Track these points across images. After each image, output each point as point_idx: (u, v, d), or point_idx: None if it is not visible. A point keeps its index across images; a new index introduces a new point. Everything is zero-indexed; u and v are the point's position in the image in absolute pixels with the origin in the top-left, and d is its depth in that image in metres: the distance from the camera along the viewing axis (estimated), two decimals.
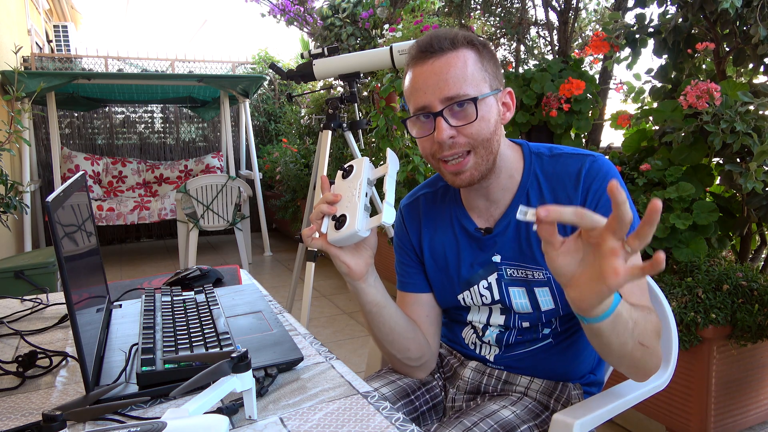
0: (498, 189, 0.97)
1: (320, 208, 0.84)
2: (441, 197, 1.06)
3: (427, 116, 0.89)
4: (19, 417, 0.71)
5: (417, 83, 0.89)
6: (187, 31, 15.09)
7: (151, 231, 6.07)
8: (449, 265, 1.03)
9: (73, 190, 0.88)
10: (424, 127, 0.91)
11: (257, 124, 6.32)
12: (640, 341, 0.78)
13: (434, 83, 0.87)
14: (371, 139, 3.68)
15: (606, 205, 0.89)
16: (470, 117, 0.87)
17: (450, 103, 0.86)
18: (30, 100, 3.76)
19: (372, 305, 0.92)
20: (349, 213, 0.81)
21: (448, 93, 0.86)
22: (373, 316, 0.93)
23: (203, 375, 0.64)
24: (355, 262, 0.87)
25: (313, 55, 2.38)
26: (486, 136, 0.88)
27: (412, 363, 1.01)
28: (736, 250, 2.00)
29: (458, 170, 0.90)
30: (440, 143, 0.88)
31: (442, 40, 0.88)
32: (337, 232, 0.81)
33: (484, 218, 1.00)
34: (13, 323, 1.08)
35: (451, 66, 0.87)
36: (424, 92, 0.88)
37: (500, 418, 0.90)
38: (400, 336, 0.97)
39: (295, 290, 2.79)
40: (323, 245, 0.84)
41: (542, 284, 0.95)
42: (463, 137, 0.88)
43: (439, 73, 0.87)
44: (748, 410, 1.77)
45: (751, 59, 1.89)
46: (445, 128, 0.87)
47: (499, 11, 2.98)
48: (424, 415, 1.03)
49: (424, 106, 0.88)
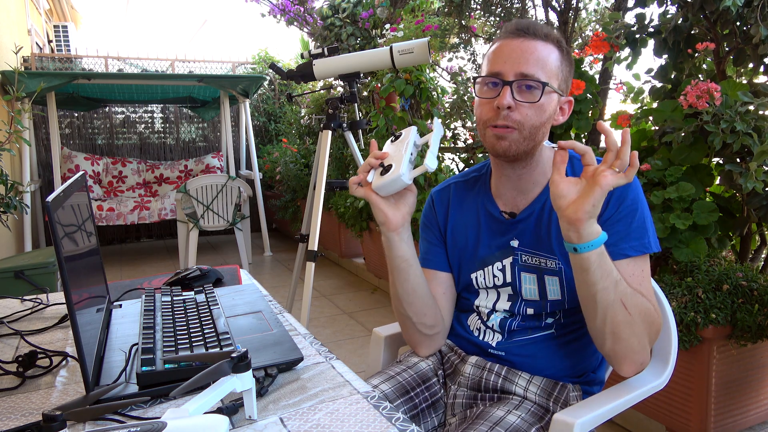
0: (530, 181, 1.03)
1: (368, 161, 0.94)
2: (471, 185, 1.14)
3: (495, 83, 0.95)
4: (19, 417, 0.71)
5: (502, 52, 0.96)
6: (187, 31, 15.09)
7: (151, 231, 6.07)
8: (468, 243, 1.10)
9: (73, 190, 0.88)
10: (490, 92, 0.96)
11: (257, 124, 6.32)
12: (623, 300, 0.87)
13: (516, 57, 0.94)
14: (371, 139, 3.67)
15: (626, 211, 0.95)
16: (533, 98, 0.94)
17: (521, 79, 0.93)
18: (30, 100, 3.75)
19: (401, 260, 0.99)
20: (395, 163, 0.90)
21: (524, 69, 0.93)
22: (401, 272, 1.00)
23: (203, 375, 0.64)
24: (392, 213, 0.95)
25: (313, 55, 2.38)
26: (535, 122, 0.95)
27: (426, 330, 1.07)
28: (736, 250, 2.00)
29: (502, 135, 0.95)
30: (498, 108, 0.93)
31: (539, 28, 0.96)
32: (382, 177, 0.90)
33: (510, 206, 1.06)
34: (13, 323, 1.08)
35: (537, 50, 0.94)
36: (504, 61, 0.94)
37: (509, 424, 0.92)
38: (420, 299, 1.03)
39: (295, 290, 2.79)
40: (366, 192, 0.94)
41: (553, 273, 1.01)
42: (517, 113, 0.94)
43: (524, 51, 0.94)
44: (748, 410, 1.77)
45: (751, 59, 1.89)
46: (508, 96, 0.93)
47: (499, 11, 2.98)
48: (424, 412, 1.04)
49: (498, 72, 0.95)
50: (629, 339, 0.90)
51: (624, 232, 0.94)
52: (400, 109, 3.33)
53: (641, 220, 0.95)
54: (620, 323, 0.88)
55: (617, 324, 0.88)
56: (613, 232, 0.94)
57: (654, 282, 1.08)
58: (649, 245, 0.95)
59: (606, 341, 0.91)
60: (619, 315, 0.88)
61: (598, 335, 0.92)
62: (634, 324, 0.89)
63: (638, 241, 0.94)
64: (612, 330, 0.89)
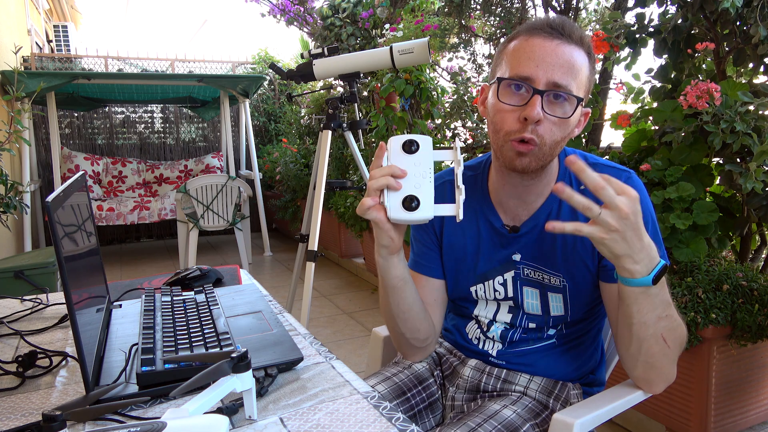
0: (534, 192, 0.96)
1: (387, 182, 0.79)
2: (469, 189, 1.04)
3: (525, 88, 0.85)
4: (19, 417, 0.71)
5: (533, 52, 0.85)
6: (187, 31, 15.09)
7: (151, 231, 6.07)
8: (467, 257, 1.03)
9: (73, 190, 0.88)
10: (514, 98, 0.86)
11: (257, 124, 6.32)
12: (664, 334, 0.81)
13: (552, 62, 0.84)
14: (371, 139, 3.67)
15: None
16: (565, 113, 0.85)
17: (555, 89, 0.84)
18: (30, 100, 3.75)
19: (398, 279, 0.92)
20: (422, 196, 0.79)
21: (558, 79, 0.83)
22: (397, 291, 0.93)
23: (203, 375, 0.64)
24: (398, 237, 0.86)
25: (313, 55, 2.38)
26: (557, 138, 0.87)
27: (418, 344, 1.03)
28: (736, 250, 2.00)
29: (524, 151, 0.87)
30: (527, 119, 0.84)
31: (574, 30, 0.86)
32: (407, 213, 0.79)
33: (511, 217, 0.99)
34: (13, 323, 1.08)
35: (573, 58, 0.85)
36: (537, 65, 0.84)
37: (503, 418, 0.91)
38: (415, 316, 0.98)
39: (295, 290, 2.79)
40: (380, 219, 0.82)
41: (556, 290, 0.96)
42: (542, 128, 0.85)
43: (561, 56, 0.84)
44: (748, 410, 1.77)
45: (751, 59, 1.89)
46: (538, 107, 0.83)
47: (499, 11, 2.98)
48: (421, 413, 1.03)
49: (527, 77, 0.84)
50: (663, 367, 0.86)
51: None
52: (400, 109, 3.32)
53: (653, 231, 0.89)
54: (656, 354, 0.83)
55: (652, 355, 0.83)
56: None
57: None
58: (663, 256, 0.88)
59: (637, 368, 0.88)
60: (655, 347, 0.82)
61: (629, 361, 0.88)
62: (670, 354, 0.84)
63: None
64: (646, 360, 0.85)
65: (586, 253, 0.94)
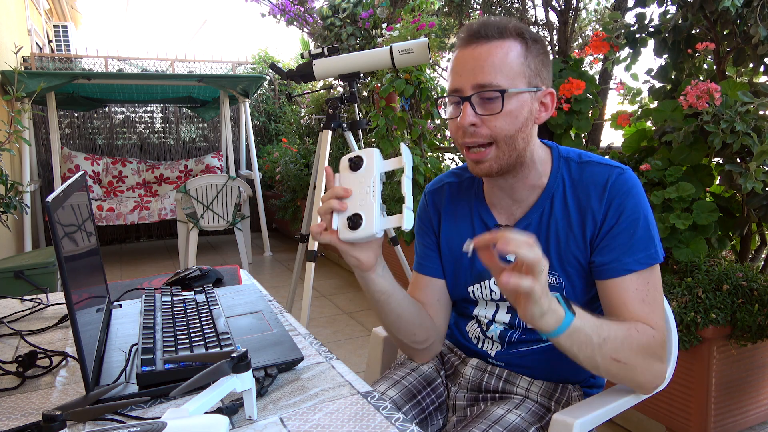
0: (524, 189, 0.97)
1: (331, 204, 0.81)
2: (465, 189, 1.07)
3: (457, 99, 0.90)
4: (19, 417, 0.71)
5: (456, 66, 0.90)
6: (187, 31, 15.10)
7: (151, 231, 6.07)
8: (464, 256, 1.04)
9: (73, 190, 0.88)
10: (454, 111, 0.91)
11: (257, 124, 6.32)
12: (613, 357, 0.81)
13: (470, 68, 0.88)
14: (371, 139, 3.68)
15: (626, 222, 0.89)
16: (495, 109, 0.87)
17: (479, 91, 0.87)
18: (30, 100, 3.75)
19: (380, 294, 0.93)
20: (365, 213, 0.79)
21: (479, 80, 0.87)
22: (382, 305, 0.95)
23: (203, 375, 0.64)
24: (365, 256, 0.87)
25: (313, 55, 2.38)
26: (509, 131, 0.88)
27: (418, 346, 1.04)
28: (736, 250, 2.00)
29: (479, 159, 0.91)
30: (463, 128, 0.89)
31: (492, 27, 0.88)
32: (353, 232, 0.79)
33: (505, 216, 1.00)
34: (13, 323, 1.08)
35: (490, 54, 0.87)
36: (459, 75, 0.89)
37: (508, 422, 0.91)
38: (407, 322, 0.99)
39: (295, 290, 2.79)
40: (333, 241, 0.82)
41: (553, 289, 0.95)
42: (485, 128, 0.88)
43: (477, 59, 0.87)
44: (748, 410, 1.77)
45: (751, 59, 1.89)
46: (470, 114, 0.87)
47: (499, 11, 2.98)
48: (431, 415, 1.03)
49: (456, 89, 0.89)
50: (634, 379, 0.87)
51: (626, 245, 0.89)
52: (400, 109, 3.33)
53: (645, 228, 0.89)
54: (619, 373, 0.85)
55: (613, 375, 0.85)
56: (614, 246, 0.89)
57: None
58: (656, 255, 0.89)
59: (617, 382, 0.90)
60: (612, 368, 0.83)
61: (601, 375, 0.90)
62: (635, 366, 0.85)
63: (644, 252, 0.89)
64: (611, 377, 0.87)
65: (579, 250, 0.94)
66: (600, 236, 0.91)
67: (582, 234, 0.92)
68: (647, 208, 0.91)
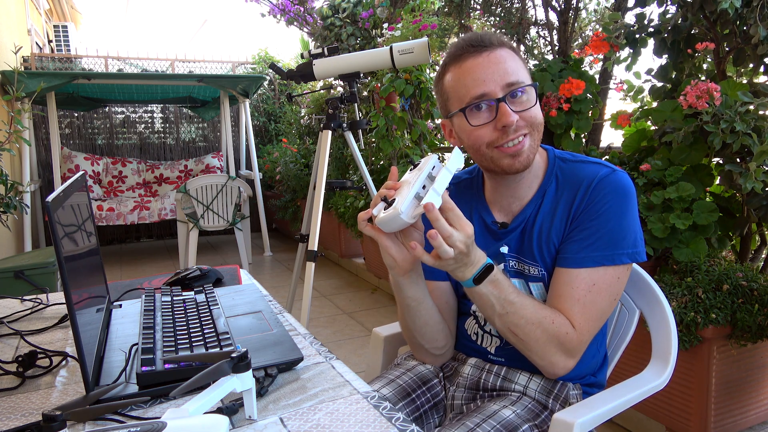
0: (525, 185, 1.01)
1: (379, 192, 0.86)
2: (464, 189, 1.11)
3: (487, 104, 0.92)
4: (19, 417, 0.71)
5: (474, 73, 0.92)
6: (187, 31, 15.10)
7: (151, 231, 6.07)
8: None
9: (73, 190, 0.88)
10: (483, 116, 0.93)
11: (257, 124, 6.32)
12: (511, 329, 0.91)
13: (494, 71, 0.91)
14: (371, 139, 3.68)
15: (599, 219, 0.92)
16: (530, 102, 0.93)
17: (512, 89, 0.91)
18: (30, 100, 3.76)
19: (411, 300, 0.97)
20: (399, 198, 0.83)
21: (509, 79, 0.91)
22: (411, 310, 0.99)
23: (203, 375, 0.64)
24: (401, 257, 0.90)
25: (313, 55, 2.38)
26: (540, 120, 0.94)
27: (437, 351, 1.07)
28: (736, 250, 2.00)
29: (517, 151, 0.93)
30: (506, 127, 0.91)
31: (491, 37, 0.94)
32: (383, 213, 0.83)
33: (504, 213, 1.05)
34: (13, 323, 1.08)
35: (507, 57, 0.93)
36: (484, 81, 0.91)
37: (502, 418, 0.91)
38: (432, 329, 1.03)
39: (295, 290, 2.79)
40: (371, 230, 0.87)
41: (536, 279, 1.00)
42: (522, 121, 0.92)
43: (498, 63, 0.92)
44: (748, 410, 1.77)
45: (751, 59, 1.89)
46: (511, 112, 0.90)
47: (499, 11, 2.98)
48: (426, 414, 1.03)
49: (484, 94, 0.91)
50: (528, 356, 0.94)
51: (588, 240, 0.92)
52: (400, 109, 3.32)
53: (616, 229, 0.91)
54: (514, 344, 0.94)
55: (513, 343, 0.94)
56: (578, 238, 0.93)
57: (653, 283, 1.07)
58: (616, 258, 0.90)
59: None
60: (510, 338, 0.93)
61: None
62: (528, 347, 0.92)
63: (602, 252, 0.91)
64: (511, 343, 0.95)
65: (559, 240, 0.97)
66: (571, 227, 0.95)
67: (563, 226, 0.96)
68: (629, 211, 0.93)
